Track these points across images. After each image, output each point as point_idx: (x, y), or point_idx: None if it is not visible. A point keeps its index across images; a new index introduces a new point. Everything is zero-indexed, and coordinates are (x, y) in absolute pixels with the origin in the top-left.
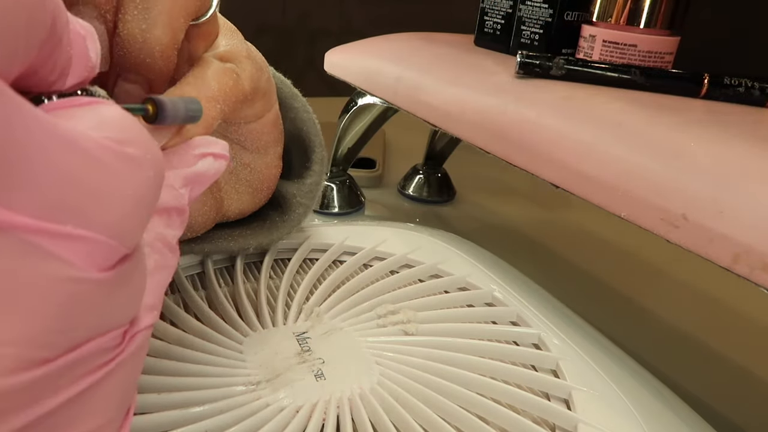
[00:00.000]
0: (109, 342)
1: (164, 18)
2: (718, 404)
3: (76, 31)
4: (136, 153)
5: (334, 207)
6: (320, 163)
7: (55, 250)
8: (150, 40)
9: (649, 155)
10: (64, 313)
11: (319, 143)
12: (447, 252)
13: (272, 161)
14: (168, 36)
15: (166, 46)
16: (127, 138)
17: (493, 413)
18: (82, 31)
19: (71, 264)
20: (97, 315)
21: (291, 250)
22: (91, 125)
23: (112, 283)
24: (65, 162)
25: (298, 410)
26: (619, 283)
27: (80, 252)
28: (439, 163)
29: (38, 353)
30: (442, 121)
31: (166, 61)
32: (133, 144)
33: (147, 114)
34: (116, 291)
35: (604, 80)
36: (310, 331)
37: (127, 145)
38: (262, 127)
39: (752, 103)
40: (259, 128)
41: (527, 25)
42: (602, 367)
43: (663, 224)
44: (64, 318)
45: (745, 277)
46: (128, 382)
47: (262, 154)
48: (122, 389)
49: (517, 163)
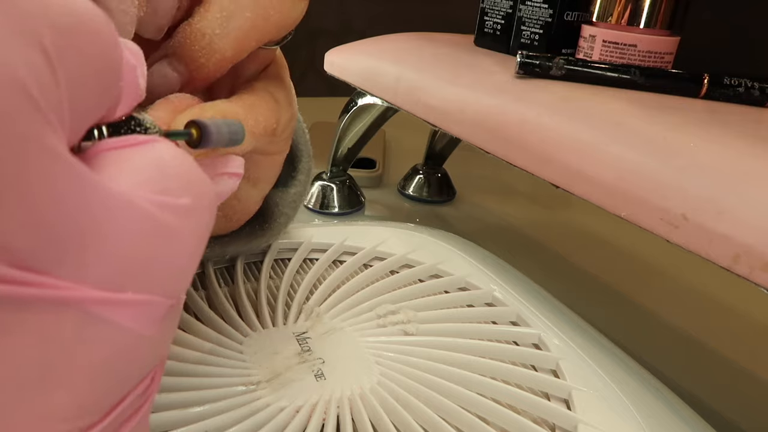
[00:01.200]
0: (143, 387)
1: (239, 34)
2: (718, 404)
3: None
4: (194, 204)
5: (334, 207)
6: (306, 174)
7: (115, 318)
8: (216, 46)
9: (649, 155)
10: (115, 377)
11: (307, 153)
12: (447, 252)
13: (256, 196)
14: (233, 51)
15: (226, 59)
16: (185, 187)
17: (493, 413)
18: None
19: (129, 329)
20: (141, 368)
21: (291, 250)
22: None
23: (160, 335)
24: (129, 231)
25: (298, 410)
26: (619, 283)
27: (138, 316)
28: (439, 163)
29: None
30: (442, 121)
31: (218, 70)
32: (191, 193)
33: (191, 138)
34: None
35: (604, 80)
36: (310, 331)
37: (185, 195)
38: (266, 162)
39: (752, 103)
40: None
41: (527, 25)
42: (602, 367)
43: (663, 224)
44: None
45: (745, 277)
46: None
47: (251, 186)
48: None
49: (517, 163)
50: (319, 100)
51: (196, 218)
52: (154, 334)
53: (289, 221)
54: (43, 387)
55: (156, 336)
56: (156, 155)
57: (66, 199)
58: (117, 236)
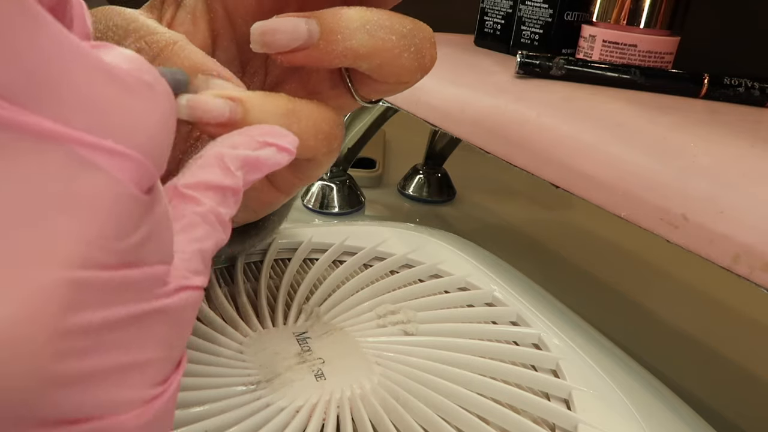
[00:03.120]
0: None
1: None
2: (718, 404)
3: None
4: (155, 83)
5: (334, 207)
6: None
7: (103, 164)
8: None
9: (649, 155)
10: (115, 222)
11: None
12: (447, 252)
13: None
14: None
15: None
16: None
17: (493, 413)
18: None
19: (117, 179)
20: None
21: (291, 250)
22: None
23: (150, 205)
24: (105, 84)
25: (298, 410)
26: (619, 283)
27: (123, 169)
28: (439, 163)
29: (99, 256)
30: (442, 121)
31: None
32: (151, 74)
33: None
34: (153, 217)
35: (604, 80)
36: (310, 331)
37: (146, 74)
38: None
39: (752, 103)
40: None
41: (527, 25)
42: (602, 367)
43: (663, 224)
44: (116, 227)
45: (745, 277)
46: (179, 334)
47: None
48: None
49: (517, 163)
50: None
51: (159, 96)
52: (145, 199)
53: (283, 220)
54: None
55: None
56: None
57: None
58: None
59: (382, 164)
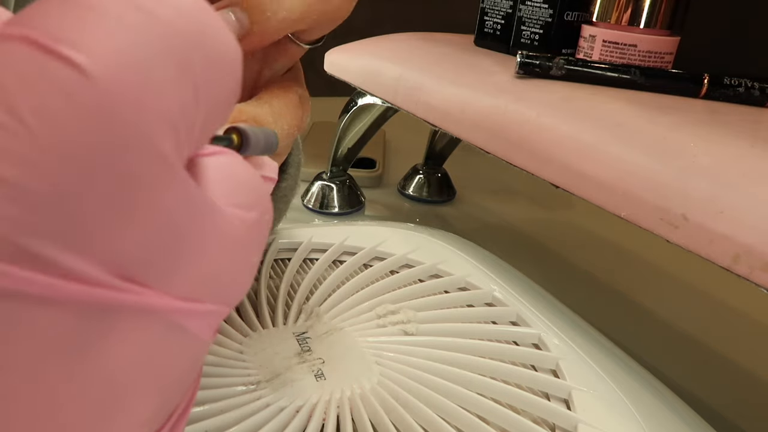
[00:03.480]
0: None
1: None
2: (718, 404)
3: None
4: (260, 218)
5: (334, 207)
6: (296, 167)
7: (192, 327)
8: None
9: (649, 155)
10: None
11: (297, 146)
12: (447, 252)
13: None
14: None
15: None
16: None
17: (493, 413)
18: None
19: (200, 338)
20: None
21: (291, 250)
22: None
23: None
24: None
25: (298, 410)
26: (619, 283)
27: (207, 325)
28: (439, 163)
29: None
30: (442, 121)
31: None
32: (258, 207)
33: (231, 144)
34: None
35: (604, 80)
36: (310, 331)
37: (253, 209)
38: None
39: (752, 103)
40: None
41: (527, 25)
42: (602, 367)
43: (663, 224)
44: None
45: (745, 277)
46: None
47: None
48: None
49: (517, 163)
50: (319, 100)
51: (261, 231)
52: (211, 340)
53: (282, 216)
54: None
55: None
56: (230, 168)
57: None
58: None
59: (382, 164)
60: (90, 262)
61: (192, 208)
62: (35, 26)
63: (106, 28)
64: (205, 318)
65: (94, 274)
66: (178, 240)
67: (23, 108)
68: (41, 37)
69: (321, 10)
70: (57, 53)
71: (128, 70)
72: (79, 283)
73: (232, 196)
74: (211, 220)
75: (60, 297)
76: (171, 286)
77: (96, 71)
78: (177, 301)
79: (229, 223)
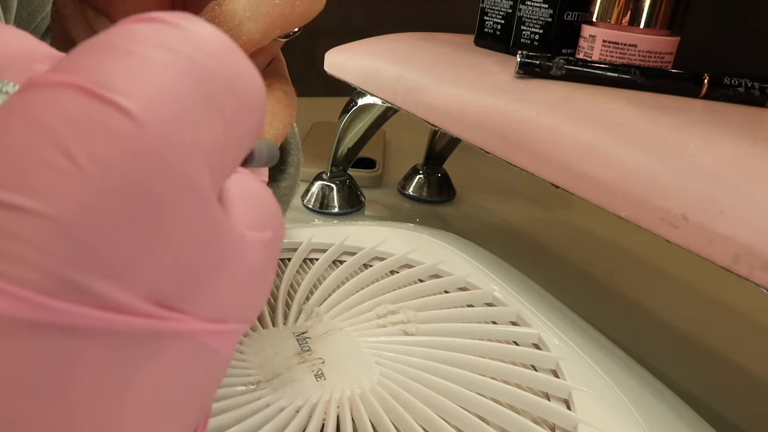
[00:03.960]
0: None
1: (267, 20)
2: (718, 404)
3: None
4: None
5: (334, 207)
6: (295, 167)
7: (218, 346)
8: (245, 28)
9: (649, 155)
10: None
11: (296, 145)
12: (447, 252)
13: None
14: (260, 35)
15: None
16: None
17: (493, 413)
18: None
19: (224, 356)
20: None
21: (291, 250)
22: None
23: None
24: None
25: (298, 410)
26: (619, 283)
27: (230, 342)
28: (439, 163)
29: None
30: (442, 121)
31: None
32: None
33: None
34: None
35: (604, 80)
36: (310, 331)
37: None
38: None
39: (752, 103)
40: None
41: (527, 25)
42: (602, 367)
43: (663, 224)
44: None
45: (745, 277)
46: None
47: None
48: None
49: (517, 163)
50: (319, 100)
51: (276, 250)
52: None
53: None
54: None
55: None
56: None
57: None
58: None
59: (382, 164)
60: (136, 294)
61: (222, 238)
62: (83, 73)
63: (149, 74)
64: (229, 336)
65: (139, 305)
66: (209, 268)
67: (78, 152)
68: (90, 84)
69: (284, 23)
70: (107, 100)
71: (171, 114)
72: (128, 314)
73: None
74: (236, 247)
75: (113, 328)
76: (202, 310)
77: (144, 116)
78: (207, 323)
79: (249, 247)
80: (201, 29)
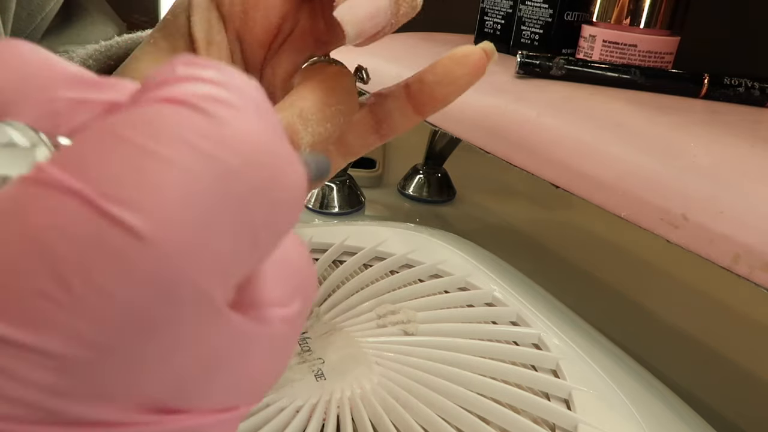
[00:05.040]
0: None
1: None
2: (718, 404)
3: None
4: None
5: (334, 207)
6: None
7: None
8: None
9: (649, 155)
10: None
11: None
12: (447, 252)
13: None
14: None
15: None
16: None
17: (493, 413)
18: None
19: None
20: None
21: None
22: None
23: None
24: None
25: (298, 410)
26: (619, 283)
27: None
28: (439, 163)
29: None
30: (442, 121)
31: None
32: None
33: None
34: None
35: (604, 80)
36: (310, 331)
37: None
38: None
39: (752, 103)
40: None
41: (527, 25)
42: (602, 367)
43: (663, 224)
44: None
45: (745, 277)
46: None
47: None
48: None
49: (517, 163)
50: None
51: (299, 324)
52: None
53: None
54: None
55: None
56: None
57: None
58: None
59: (382, 164)
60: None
61: (235, 338)
62: (89, 178)
63: (167, 182)
64: (237, 420)
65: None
66: (217, 370)
67: (73, 278)
68: (96, 195)
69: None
70: (110, 217)
71: (187, 233)
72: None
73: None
74: (254, 339)
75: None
76: (210, 404)
77: (154, 236)
78: (214, 414)
79: (270, 332)
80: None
